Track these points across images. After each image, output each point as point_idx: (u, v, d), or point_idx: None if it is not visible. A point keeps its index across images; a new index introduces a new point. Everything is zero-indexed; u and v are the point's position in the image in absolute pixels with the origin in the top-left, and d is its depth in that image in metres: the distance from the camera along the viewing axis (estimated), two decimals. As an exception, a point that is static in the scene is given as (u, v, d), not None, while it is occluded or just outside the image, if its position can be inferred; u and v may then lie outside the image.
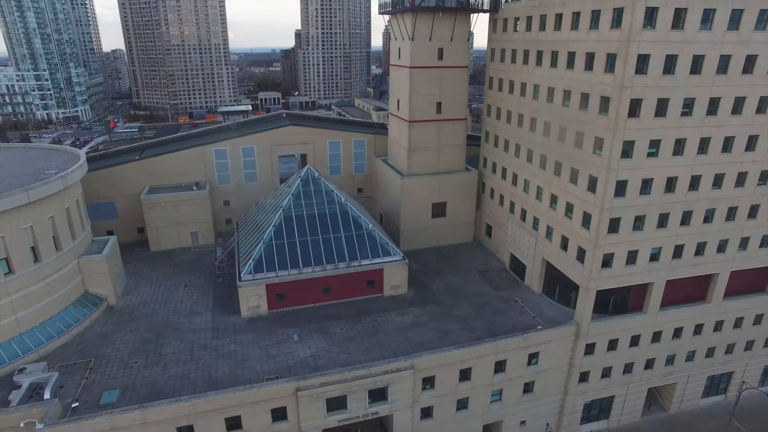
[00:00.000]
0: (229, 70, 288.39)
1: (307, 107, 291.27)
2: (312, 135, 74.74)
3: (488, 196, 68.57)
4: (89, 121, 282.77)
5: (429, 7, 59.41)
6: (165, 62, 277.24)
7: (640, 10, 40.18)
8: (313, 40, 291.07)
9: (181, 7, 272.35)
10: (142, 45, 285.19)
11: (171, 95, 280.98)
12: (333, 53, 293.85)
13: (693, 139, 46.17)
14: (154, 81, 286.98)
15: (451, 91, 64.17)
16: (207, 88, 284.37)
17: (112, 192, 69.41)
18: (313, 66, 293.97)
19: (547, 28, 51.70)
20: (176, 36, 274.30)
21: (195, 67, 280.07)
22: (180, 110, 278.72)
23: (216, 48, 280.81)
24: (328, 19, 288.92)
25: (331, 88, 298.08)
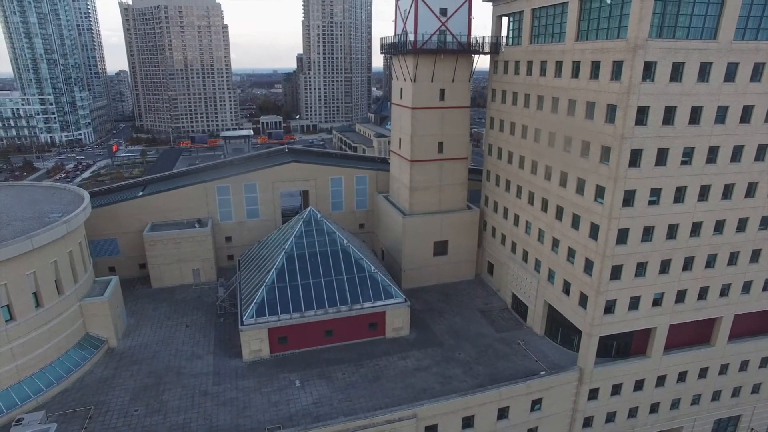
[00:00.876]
0: (232, 94, 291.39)
1: (309, 131, 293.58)
2: (314, 172, 75.25)
3: (490, 234, 68.73)
4: (92, 144, 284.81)
5: (431, 49, 60.39)
6: (168, 86, 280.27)
7: (639, 64, 40.89)
8: (315, 64, 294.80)
9: (184, 33, 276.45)
10: (146, 69, 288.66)
11: (173, 119, 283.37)
12: (334, 77, 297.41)
13: (693, 187, 46.52)
14: (157, 104, 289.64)
15: (453, 131, 64.85)
16: (209, 112, 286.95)
17: (114, 229, 69.59)
18: (314, 90, 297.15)
19: (548, 74, 52.51)
20: (179, 60, 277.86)
21: (197, 91, 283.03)
22: (182, 134, 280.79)
23: (218, 72, 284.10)
24: (329, 44, 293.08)
25: (332, 112, 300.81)
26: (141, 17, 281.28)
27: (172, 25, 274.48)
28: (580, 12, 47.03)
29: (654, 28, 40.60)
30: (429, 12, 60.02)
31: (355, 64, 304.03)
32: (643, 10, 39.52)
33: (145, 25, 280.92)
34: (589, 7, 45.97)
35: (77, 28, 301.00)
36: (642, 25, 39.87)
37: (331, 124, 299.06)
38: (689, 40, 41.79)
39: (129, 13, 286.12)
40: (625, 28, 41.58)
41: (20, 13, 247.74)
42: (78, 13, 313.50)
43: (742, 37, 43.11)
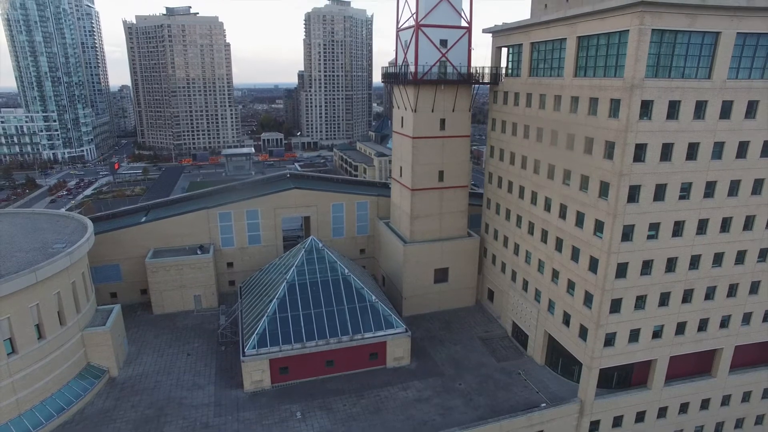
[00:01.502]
0: (233, 111, 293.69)
1: (310, 148, 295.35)
2: (315, 198, 75.83)
3: (490, 261, 69.06)
4: (94, 160, 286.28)
5: (431, 80, 61.34)
6: (170, 103, 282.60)
7: (636, 103, 41.62)
8: (316, 81, 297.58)
9: (187, 51, 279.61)
10: (149, 86, 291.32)
11: (175, 135, 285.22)
12: (335, 95, 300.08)
13: (692, 221, 46.96)
14: (159, 121, 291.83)
15: (453, 159, 65.55)
16: (211, 129, 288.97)
17: (116, 255, 69.97)
18: (315, 107, 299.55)
19: (547, 107, 53.32)
20: (182, 78, 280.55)
21: (199, 108, 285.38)
22: (184, 150, 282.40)
23: (220, 90, 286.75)
24: (330, 62, 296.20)
25: (332, 129, 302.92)
26: (144, 35, 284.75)
27: (175, 43, 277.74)
28: (578, 49, 47.95)
29: (650, 68, 41.42)
30: (429, 44, 61.09)
31: (355, 82, 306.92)
32: (639, 52, 40.36)
33: (149, 43, 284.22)
34: (587, 45, 46.89)
35: (81, 46, 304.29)
36: (638, 66, 40.68)
37: (332, 141, 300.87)
38: (684, 79, 42.58)
39: (133, 32, 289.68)
40: (622, 68, 42.41)
41: (26, 32, 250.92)
42: (83, 32, 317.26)
43: (736, 75, 43.92)
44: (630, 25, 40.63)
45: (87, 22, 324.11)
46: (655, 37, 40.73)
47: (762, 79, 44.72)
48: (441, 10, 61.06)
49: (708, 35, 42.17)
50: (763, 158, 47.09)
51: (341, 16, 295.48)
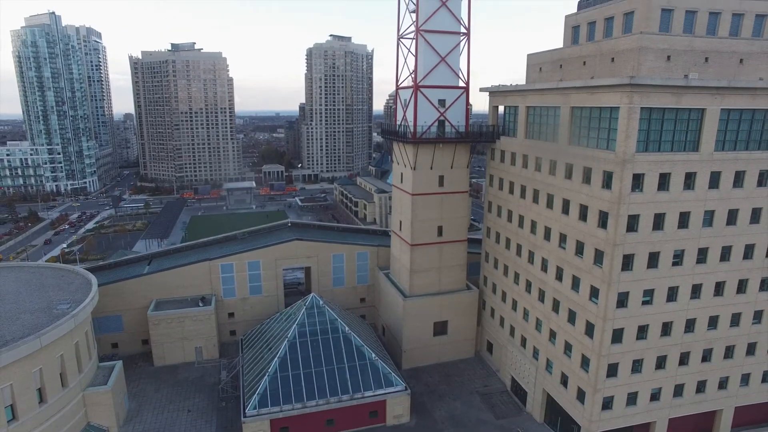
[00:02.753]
0: (235, 144, 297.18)
1: (310, 180, 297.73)
2: (316, 249, 76.88)
3: (489, 314, 69.67)
4: (96, 191, 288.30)
5: (430, 139, 63.09)
6: (173, 136, 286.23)
7: (628, 177, 43.10)
8: (317, 115, 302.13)
9: (191, 86, 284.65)
10: (152, 119, 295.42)
11: (177, 168, 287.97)
12: (336, 127, 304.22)
13: (685, 286, 47.93)
14: (162, 153, 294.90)
15: (452, 214, 66.83)
16: (212, 161, 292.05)
17: (119, 306, 70.62)
18: (316, 140, 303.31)
19: (542, 170, 54.83)
20: (185, 111, 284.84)
21: (201, 141, 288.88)
22: (185, 182, 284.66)
23: (223, 123, 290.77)
24: (331, 95, 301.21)
25: (333, 162, 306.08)
26: (149, 70, 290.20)
27: (179, 78, 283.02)
28: (572, 118, 49.72)
29: (640, 143, 43.05)
30: (428, 103, 63.08)
31: (356, 115, 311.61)
32: (629, 129, 42.04)
33: (153, 78, 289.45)
34: (580, 115, 48.66)
35: (88, 79, 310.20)
36: (629, 142, 42.31)
37: (333, 173, 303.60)
38: (674, 152, 44.17)
39: (138, 67, 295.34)
40: (613, 141, 44.03)
41: (36, 68, 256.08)
42: (89, 66, 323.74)
43: (722, 148, 45.59)
44: (620, 103, 42.41)
45: (94, 57, 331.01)
46: (644, 114, 42.49)
47: (747, 150, 46.39)
48: (439, 71, 63.28)
49: (694, 111, 43.97)
50: (752, 224, 48.36)
51: (342, 52, 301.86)
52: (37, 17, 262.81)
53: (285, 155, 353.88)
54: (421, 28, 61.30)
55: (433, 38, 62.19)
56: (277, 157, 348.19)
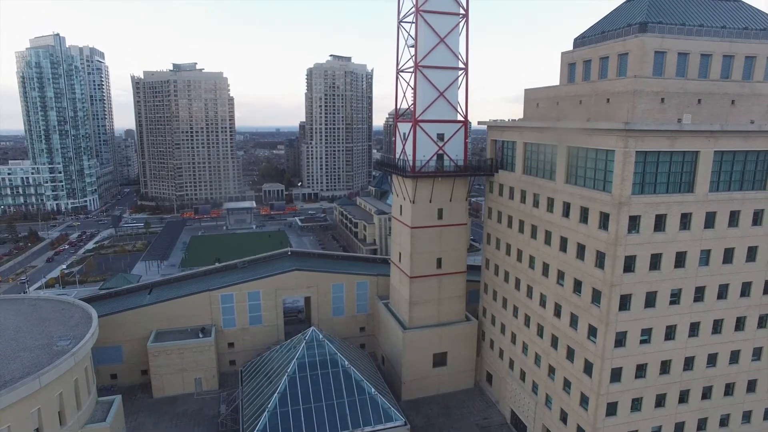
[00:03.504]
0: (235, 163, 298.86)
1: (310, 199, 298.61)
2: (316, 279, 77.17)
3: (488, 345, 69.71)
4: (97, 210, 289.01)
5: (429, 173, 63.80)
6: (173, 155, 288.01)
7: (624, 219, 43.64)
8: (317, 134, 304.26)
9: (192, 105, 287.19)
10: (153, 138, 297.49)
11: (177, 186, 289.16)
12: (335, 146, 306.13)
13: (683, 324, 48.19)
14: (162, 172, 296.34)
15: (451, 246, 67.27)
16: (213, 180, 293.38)
17: (118, 337, 70.67)
18: (316, 159, 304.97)
19: (540, 207, 55.42)
20: (186, 131, 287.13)
21: (202, 160, 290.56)
22: (186, 201, 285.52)
23: (223, 142, 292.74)
24: (331, 115, 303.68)
25: (333, 180, 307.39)
26: (151, 89, 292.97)
27: (180, 97, 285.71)
28: (569, 158, 50.45)
29: (636, 185, 43.69)
30: (427, 137, 63.95)
31: (356, 134, 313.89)
32: (625, 172, 42.72)
33: (155, 97, 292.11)
34: (576, 155, 49.39)
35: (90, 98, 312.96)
36: (625, 185, 42.94)
37: (333, 192, 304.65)
38: (669, 194, 44.79)
39: (140, 86, 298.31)
40: (610, 183, 44.66)
41: (39, 88, 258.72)
42: (92, 85, 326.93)
43: (717, 188, 46.25)
44: (615, 147, 43.16)
45: (96, 76, 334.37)
46: (639, 157, 43.19)
47: (741, 190, 47.03)
48: (438, 105, 64.29)
49: (688, 153, 44.71)
50: (748, 263, 48.79)
51: (342, 71, 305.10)
52: (42, 39, 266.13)
53: (285, 173, 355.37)
54: (420, 63, 62.43)
55: (431, 73, 63.30)
56: (277, 175, 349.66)
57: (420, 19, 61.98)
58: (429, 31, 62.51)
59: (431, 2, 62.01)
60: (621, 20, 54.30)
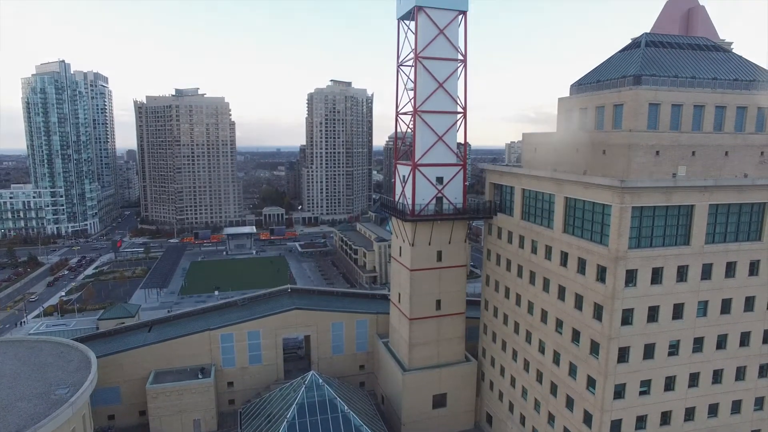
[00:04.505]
0: (235, 187, 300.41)
1: (310, 223, 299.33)
2: (316, 318, 77.21)
3: (488, 386, 69.43)
4: (97, 233, 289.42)
5: (428, 216, 64.35)
6: (174, 179, 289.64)
7: (621, 273, 44.04)
8: (317, 158, 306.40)
9: (193, 130, 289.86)
10: (154, 162, 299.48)
11: (178, 210, 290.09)
12: (336, 171, 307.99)
13: (683, 375, 48.22)
14: (163, 196, 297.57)
15: (450, 288, 67.50)
16: (213, 204, 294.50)
17: (117, 377, 70.38)
18: (316, 183, 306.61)
19: (538, 253, 55.86)
20: (187, 155, 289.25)
21: (203, 184, 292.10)
22: (186, 225, 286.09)
23: (224, 167, 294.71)
24: (331, 139, 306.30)
25: (333, 204, 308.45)
26: (153, 114, 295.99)
27: (182, 122, 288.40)
28: (566, 207, 51.07)
29: (633, 239, 44.21)
30: (426, 181, 64.69)
31: (356, 159, 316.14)
32: (621, 227, 43.29)
33: (157, 122, 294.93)
34: (574, 206, 50.03)
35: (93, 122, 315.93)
36: (621, 240, 43.46)
37: (333, 216, 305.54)
38: (666, 247, 45.30)
39: (142, 111, 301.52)
40: (607, 236, 45.18)
41: (43, 113, 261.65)
42: (95, 109, 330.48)
43: (713, 240, 46.79)
44: (612, 202, 43.80)
45: (100, 101, 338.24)
46: (636, 212, 43.82)
47: (737, 242, 47.54)
48: (437, 149, 65.17)
49: (684, 207, 45.34)
50: (747, 312, 49.04)
51: (342, 96, 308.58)
52: (47, 65, 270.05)
53: (285, 197, 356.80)
54: (418, 109, 63.52)
55: (430, 118, 64.34)
56: (278, 198, 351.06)
57: (419, 65, 63.31)
58: (428, 76, 63.80)
59: (430, 49, 63.43)
60: (616, 70, 55.52)
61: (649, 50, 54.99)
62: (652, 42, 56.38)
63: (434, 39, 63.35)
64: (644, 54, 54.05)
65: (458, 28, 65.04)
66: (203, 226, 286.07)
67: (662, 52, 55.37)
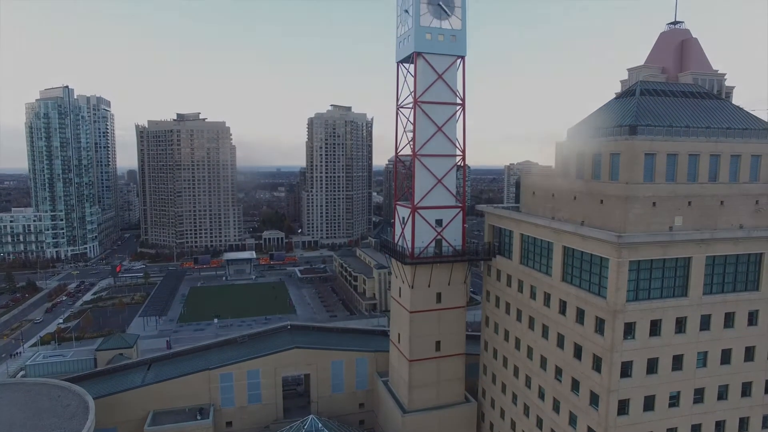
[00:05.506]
0: (235, 211, 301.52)
1: (310, 247, 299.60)
2: (315, 356, 77.01)
3: (488, 427, 68.90)
4: (96, 257, 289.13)
5: (428, 259, 64.68)
6: (175, 203, 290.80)
7: (620, 327, 44.25)
8: (317, 182, 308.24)
9: (194, 154, 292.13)
10: (155, 186, 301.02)
11: (178, 234, 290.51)
12: (336, 195, 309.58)
13: (684, 428, 47.99)
14: (163, 220, 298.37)
15: (449, 329, 67.52)
16: (213, 228, 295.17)
17: (114, 418, 69.70)
18: (316, 207, 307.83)
19: (537, 299, 56.08)
20: (188, 179, 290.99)
21: (203, 208, 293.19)
22: (186, 249, 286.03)
23: (224, 191, 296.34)
24: (331, 163, 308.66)
25: (333, 228, 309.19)
26: (155, 138, 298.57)
27: (183, 146, 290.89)
28: (564, 256, 51.49)
29: (630, 292, 44.53)
30: (425, 223, 65.22)
31: (356, 182, 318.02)
32: (619, 281, 43.65)
33: (158, 146, 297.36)
34: (572, 255, 50.45)
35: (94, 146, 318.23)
36: (619, 294, 43.78)
37: (333, 239, 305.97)
38: (664, 299, 45.59)
39: (144, 135, 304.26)
40: (605, 289, 45.50)
41: (46, 138, 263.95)
42: (97, 133, 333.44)
43: (711, 291, 47.11)
44: (609, 256, 44.24)
45: (102, 124, 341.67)
46: (633, 265, 44.22)
47: (734, 292, 47.86)
48: (436, 191, 65.86)
49: (681, 259, 45.77)
50: (747, 362, 49.07)
51: (343, 121, 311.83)
52: (51, 90, 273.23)
53: (285, 219, 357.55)
54: (418, 153, 64.38)
55: (429, 161, 65.20)
56: (278, 221, 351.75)
57: (418, 110, 64.41)
58: (427, 120, 64.85)
59: (429, 94, 64.62)
60: (612, 118, 56.31)
61: (644, 99, 55.99)
62: (647, 90, 57.45)
63: (433, 84, 64.59)
64: (639, 103, 55.01)
65: (457, 72, 66.38)
66: (203, 249, 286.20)
67: (657, 101, 56.37)
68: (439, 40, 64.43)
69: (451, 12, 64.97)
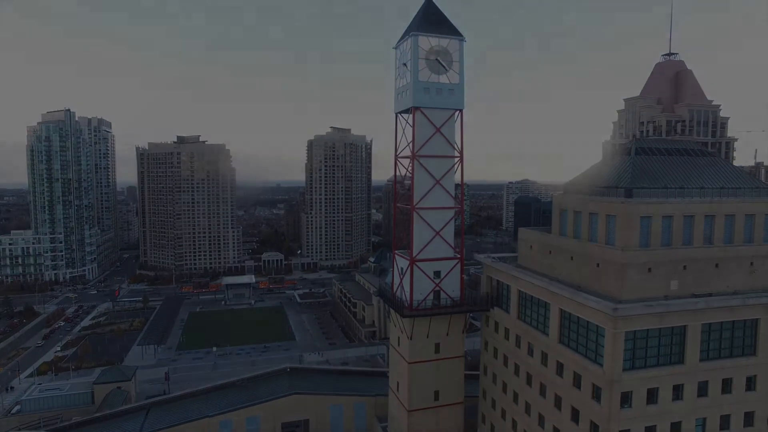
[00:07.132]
0: (235, 233, 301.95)
1: (309, 268, 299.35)
2: (314, 402, 77.12)
3: (488, 480, 68.73)
4: (95, 279, 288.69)
5: (426, 311, 65.05)
6: (174, 225, 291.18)
7: (616, 396, 44.62)
8: (317, 204, 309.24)
9: (194, 176, 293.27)
10: (154, 208, 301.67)
11: (177, 256, 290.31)
12: (335, 216, 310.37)
13: (682, 493, 48.02)
14: (162, 242, 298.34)
15: (448, 379, 67.67)
16: (212, 251, 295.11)
17: (112, 469, 69.56)
18: (315, 229, 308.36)
19: (535, 357, 56.40)
20: (187, 201, 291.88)
21: (202, 231, 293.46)
22: (185, 271, 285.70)
23: (224, 213, 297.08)
24: (331, 185, 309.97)
25: (332, 250, 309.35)
26: (155, 161, 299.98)
27: (183, 169, 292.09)
28: (561, 318, 51.97)
29: (627, 361, 44.95)
30: (424, 276, 65.75)
31: (356, 204, 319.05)
32: (615, 351, 44.12)
33: (158, 168, 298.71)
34: (569, 318, 50.94)
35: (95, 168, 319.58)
36: (616, 364, 44.22)
37: (332, 261, 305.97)
38: (660, 366, 45.99)
39: (144, 157, 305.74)
40: (601, 357, 45.92)
41: (47, 161, 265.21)
42: (97, 154, 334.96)
43: (707, 357, 47.55)
44: (605, 326, 44.75)
45: (102, 146, 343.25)
46: (629, 335, 44.71)
47: (731, 357, 48.28)
48: (435, 244, 66.51)
49: (677, 327, 46.27)
50: (747, 428, 49.30)
51: (342, 143, 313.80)
52: (53, 114, 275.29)
53: (285, 240, 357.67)
54: (416, 206, 65.20)
55: (427, 214, 65.95)
56: (277, 241, 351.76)
57: (416, 163, 65.37)
58: (425, 173, 65.78)
59: (427, 147, 65.65)
60: (608, 178, 57.10)
61: (638, 158, 57.00)
62: (642, 149, 58.49)
63: (431, 137, 65.64)
64: (634, 164, 55.96)
65: (455, 125, 67.49)
66: (202, 271, 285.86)
67: (651, 160, 57.39)
68: (437, 95, 65.63)
69: (449, 67, 66.28)
